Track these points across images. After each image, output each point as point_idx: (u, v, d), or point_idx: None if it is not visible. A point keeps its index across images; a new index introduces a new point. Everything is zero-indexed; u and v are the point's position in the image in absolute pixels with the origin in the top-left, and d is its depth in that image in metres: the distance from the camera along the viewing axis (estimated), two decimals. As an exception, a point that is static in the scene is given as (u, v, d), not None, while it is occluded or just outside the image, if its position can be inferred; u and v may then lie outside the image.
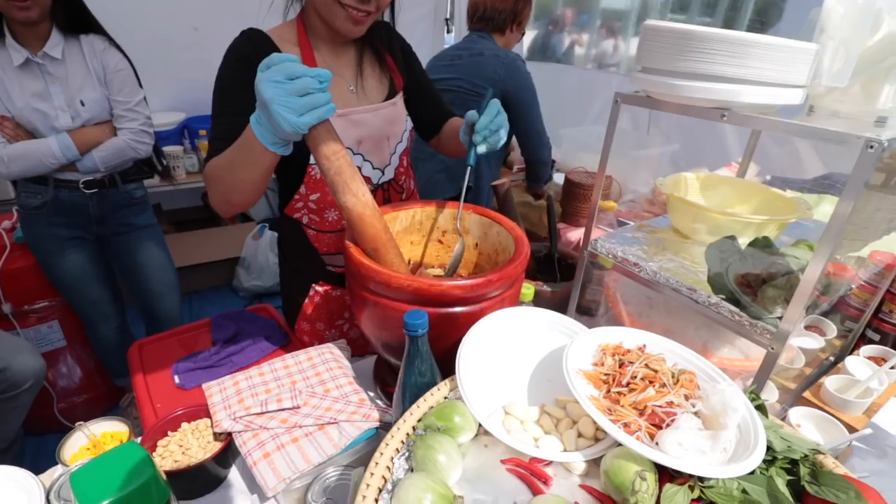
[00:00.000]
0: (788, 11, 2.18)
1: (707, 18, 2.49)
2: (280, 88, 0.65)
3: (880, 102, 0.68)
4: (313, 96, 0.67)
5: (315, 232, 1.04)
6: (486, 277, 0.73)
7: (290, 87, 0.65)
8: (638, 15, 2.71)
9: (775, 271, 0.73)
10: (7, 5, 1.29)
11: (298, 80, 0.66)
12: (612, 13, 2.91)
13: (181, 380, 1.20)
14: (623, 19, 2.82)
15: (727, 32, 0.63)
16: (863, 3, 0.64)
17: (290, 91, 0.65)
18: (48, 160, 1.43)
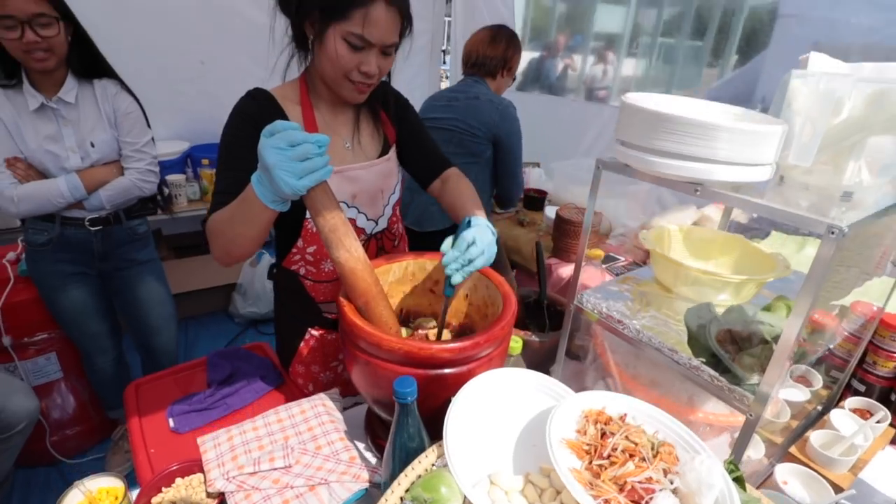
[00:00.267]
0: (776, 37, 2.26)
1: (697, 42, 2.56)
2: (282, 154, 0.70)
3: (846, 178, 0.72)
4: (312, 161, 0.71)
5: (311, 282, 1.08)
6: (473, 340, 0.76)
7: (292, 154, 0.70)
8: (630, 37, 2.80)
9: (750, 338, 0.76)
10: (26, 58, 1.34)
11: (299, 146, 0.70)
12: (604, 35, 3.00)
13: (175, 423, 1.21)
14: (615, 41, 2.90)
15: (697, 117, 0.67)
16: (824, 89, 0.68)
17: (292, 157, 0.70)
18: (56, 200, 1.47)
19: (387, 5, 0.85)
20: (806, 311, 0.63)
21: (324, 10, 0.85)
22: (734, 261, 1.03)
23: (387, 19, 0.85)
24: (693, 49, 2.59)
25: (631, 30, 2.77)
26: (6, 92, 1.43)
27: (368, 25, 0.84)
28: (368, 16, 0.84)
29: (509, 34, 1.90)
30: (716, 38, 2.44)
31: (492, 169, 1.91)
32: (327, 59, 0.89)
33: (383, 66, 0.92)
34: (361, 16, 0.83)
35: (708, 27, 2.47)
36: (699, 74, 2.62)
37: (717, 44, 2.44)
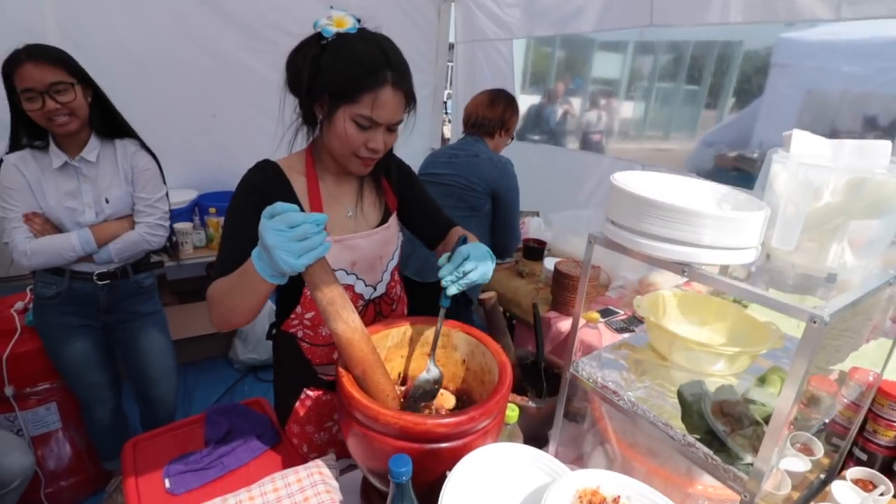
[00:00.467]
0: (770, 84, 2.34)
1: (694, 87, 2.65)
2: (282, 235, 0.73)
3: (829, 260, 0.74)
4: (310, 240, 0.75)
5: (309, 345, 1.10)
6: (468, 415, 0.77)
7: (291, 234, 0.73)
8: (628, 82, 2.90)
9: (741, 419, 0.76)
10: (49, 124, 1.43)
11: (298, 227, 0.74)
12: (602, 80, 3.12)
13: (171, 484, 1.20)
14: (614, 85, 3.00)
15: (682, 204, 0.70)
16: (802, 178, 0.72)
17: (291, 237, 0.73)
18: (68, 254, 1.52)
19: (393, 89, 0.91)
20: (794, 394, 0.64)
21: (334, 95, 0.91)
22: (729, 328, 1.05)
23: (394, 101, 0.91)
24: (690, 93, 2.68)
25: (629, 75, 2.87)
26: (34, 152, 1.51)
27: (377, 108, 0.90)
28: (377, 99, 0.89)
29: (507, 97, 2.01)
30: (712, 83, 2.52)
31: (490, 222, 1.98)
32: (336, 137, 0.94)
33: (388, 141, 0.97)
34: (370, 99, 0.89)
35: (703, 73, 2.56)
36: (697, 117, 2.70)
37: (713, 88, 2.52)
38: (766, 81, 2.37)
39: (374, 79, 0.89)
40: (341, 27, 0.92)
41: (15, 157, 1.49)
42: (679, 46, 2.62)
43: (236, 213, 0.99)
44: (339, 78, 0.89)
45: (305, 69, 0.92)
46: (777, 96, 2.37)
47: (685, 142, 2.81)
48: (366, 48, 0.89)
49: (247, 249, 0.85)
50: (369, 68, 0.89)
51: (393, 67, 0.90)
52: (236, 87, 2.71)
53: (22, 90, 1.38)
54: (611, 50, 3.04)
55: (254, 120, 2.67)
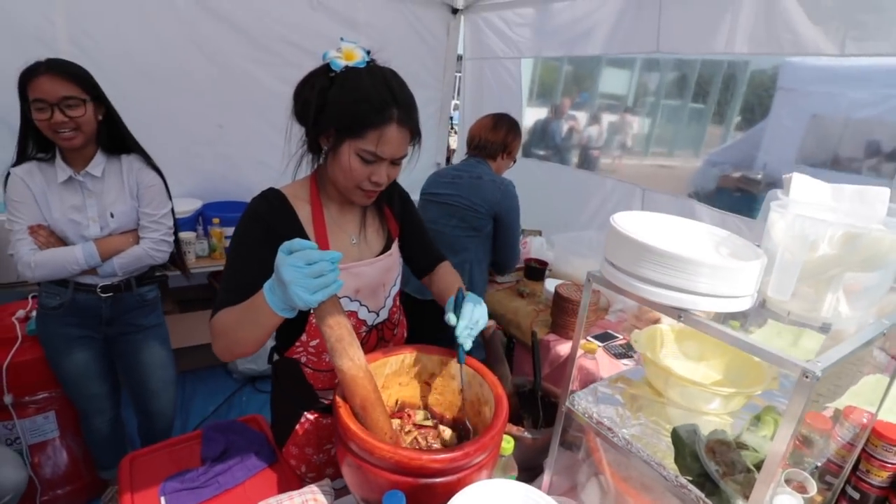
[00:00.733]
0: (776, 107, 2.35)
1: (700, 105, 2.66)
2: (299, 272, 0.75)
3: (824, 310, 0.75)
4: (326, 277, 0.76)
5: (311, 371, 1.11)
6: (463, 451, 0.78)
7: (308, 271, 0.75)
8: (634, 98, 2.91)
9: (734, 464, 0.77)
10: (54, 136, 1.45)
11: (315, 265, 0.75)
12: (609, 95, 3.13)
13: (167, 502, 1.21)
14: (620, 101, 3.02)
15: (679, 252, 0.71)
16: (798, 230, 0.73)
17: (307, 274, 0.75)
18: (72, 266, 1.53)
19: (398, 126, 0.92)
20: (785, 444, 0.65)
21: (340, 129, 0.92)
22: (726, 364, 1.05)
23: (398, 138, 0.93)
24: (696, 111, 2.69)
25: (635, 91, 2.89)
26: (39, 165, 1.53)
27: (382, 144, 0.91)
28: (382, 136, 0.91)
29: (510, 121, 2.05)
30: (718, 102, 2.53)
31: (491, 242, 2.01)
32: (340, 169, 0.96)
33: (392, 174, 0.99)
34: (376, 136, 0.91)
35: (710, 91, 2.57)
36: (702, 135, 2.71)
37: (719, 107, 2.53)
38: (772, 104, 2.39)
39: (380, 116, 0.90)
40: (350, 60, 0.93)
41: (21, 170, 1.51)
42: (686, 65, 2.64)
43: (242, 242, 1.00)
44: (346, 113, 0.91)
45: (313, 101, 0.93)
46: (781, 120, 2.38)
47: (689, 159, 2.82)
48: (373, 84, 0.91)
49: (253, 279, 0.86)
50: (375, 106, 0.90)
51: (399, 104, 0.92)
52: (242, 99, 2.74)
53: (33, 100, 1.40)
54: (618, 66, 3.06)
55: (259, 131, 2.70)
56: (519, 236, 2.08)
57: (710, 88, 2.58)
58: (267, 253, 0.97)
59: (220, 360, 2.93)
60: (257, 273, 0.86)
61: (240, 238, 1.00)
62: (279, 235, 0.98)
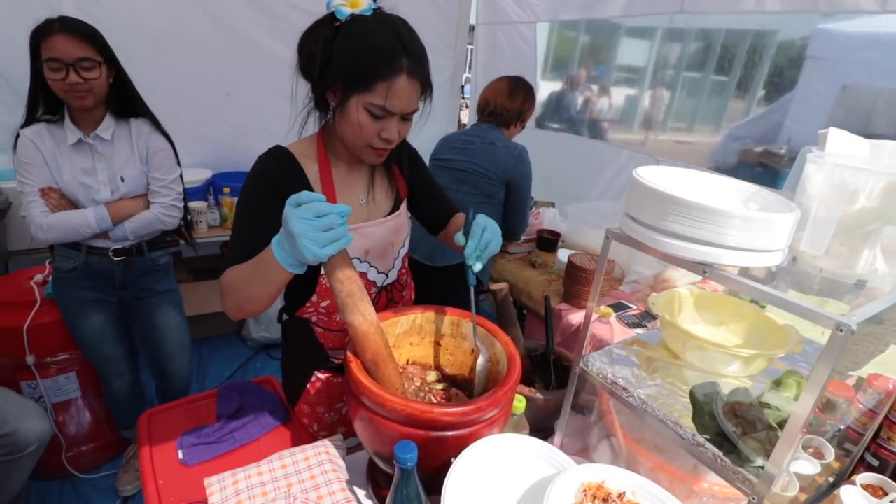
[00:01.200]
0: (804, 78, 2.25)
1: (722, 77, 2.55)
2: (308, 224, 0.73)
3: (860, 266, 0.72)
4: (335, 231, 0.74)
5: (322, 330, 1.10)
6: (475, 405, 0.77)
7: (317, 224, 0.73)
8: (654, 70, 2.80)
9: (755, 423, 0.75)
10: (67, 96, 1.43)
11: (325, 217, 0.73)
12: (627, 68, 3.02)
13: (184, 455, 1.24)
14: (638, 73, 2.91)
15: (707, 203, 0.68)
16: (838, 180, 0.69)
17: (317, 227, 0.73)
18: (83, 229, 1.54)
19: (408, 77, 0.87)
20: (813, 402, 0.63)
21: (347, 82, 0.88)
22: (746, 329, 1.02)
23: (408, 90, 0.88)
24: (718, 84, 2.59)
25: (654, 63, 2.78)
26: (49, 126, 1.52)
27: (391, 97, 0.87)
28: (391, 88, 0.86)
29: (527, 88, 1.98)
30: (742, 75, 2.42)
31: (502, 209, 1.98)
32: (349, 125, 0.92)
33: (403, 130, 0.95)
34: (384, 88, 0.86)
35: (734, 63, 2.46)
36: (724, 110, 2.61)
37: (742, 80, 2.42)
38: (800, 75, 2.28)
39: (389, 67, 0.86)
40: (356, 8, 0.88)
41: (31, 131, 1.50)
42: (710, 34, 2.51)
43: (249, 200, 0.98)
44: (352, 65, 0.86)
45: (318, 53, 0.89)
46: (810, 91, 2.28)
47: (709, 135, 2.72)
48: (381, 32, 0.86)
49: (260, 238, 0.84)
50: (384, 55, 0.85)
51: (409, 54, 0.87)
52: (250, 65, 2.69)
53: (47, 59, 1.38)
54: (638, 36, 2.93)
55: (267, 99, 2.66)
56: (529, 202, 2.04)
57: (733, 60, 2.47)
58: (274, 211, 0.95)
59: (233, 326, 2.96)
60: (265, 231, 0.84)
61: (247, 196, 0.98)
62: (286, 194, 0.96)
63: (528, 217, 2.08)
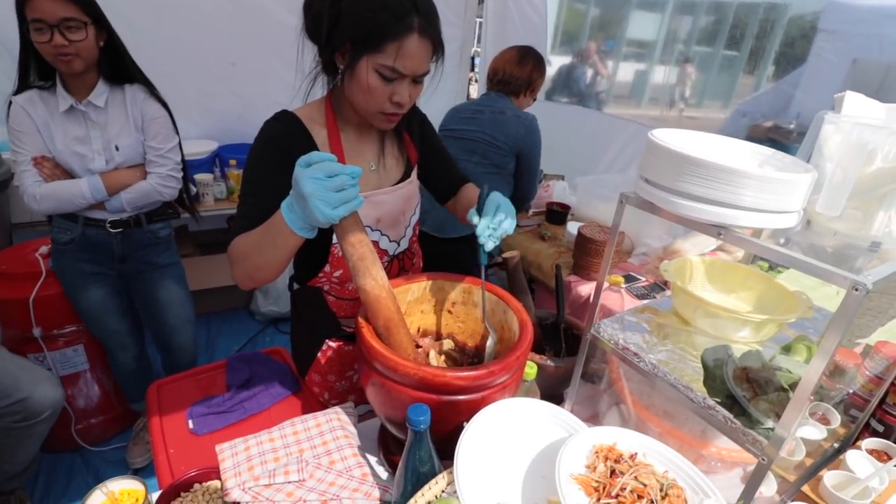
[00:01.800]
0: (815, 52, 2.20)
1: (733, 52, 2.51)
2: (319, 184, 0.72)
3: (874, 228, 0.71)
4: (347, 192, 0.73)
5: (335, 299, 1.10)
6: (488, 369, 0.77)
7: (329, 184, 0.72)
8: (664, 44, 2.75)
9: (767, 384, 0.75)
10: (54, 59, 1.39)
11: (336, 177, 0.72)
12: (637, 42, 2.96)
13: (195, 425, 1.26)
14: (648, 48, 2.86)
15: (724, 162, 0.67)
16: (856, 139, 0.67)
17: (328, 187, 0.72)
18: (78, 200, 1.52)
19: (419, 37, 0.85)
20: (825, 362, 0.63)
21: (356, 43, 0.85)
22: (756, 296, 1.02)
23: (419, 50, 0.86)
24: (728, 59, 2.54)
25: (665, 37, 2.73)
26: (41, 93, 1.48)
27: (402, 58, 0.85)
28: (402, 48, 0.84)
29: (537, 57, 1.94)
30: (752, 49, 2.38)
31: (512, 179, 1.96)
32: (359, 89, 0.89)
33: (414, 94, 0.93)
34: (395, 48, 0.84)
35: (745, 37, 2.41)
36: (734, 84, 2.57)
37: (753, 54, 2.38)
38: (811, 48, 2.23)
39: (400, 25, 0.83)
40: None
41: (22, 98, 1.46)
42: (722, 7, 2.46)
43: (256, 167, 0.96)
44: (362, 24, 0.84)
45: (325, 13, 0.86)
46: (820, 64, 2.23)
47: (719, 111, 2.69)
48: None
49: (269, 204, 0.83)
50: (394, 13, 0.82)
51: (419, 11, 0.84)
52: (255, 34, 2.62)
53: (32, 20, 1.33)
54: (648, 9, 2.86)
55: (274, 70, 2.59)
56: (538, 172, 2.03)
57: (745, 34, 2.41)
58: (283, 178, 0.93)
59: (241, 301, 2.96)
60: (273, 199, 0.82)
61: (254, 163, 0.96)
62: (295, 160, 0.94)
63: (535, 186, 2.07)
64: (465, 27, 3.35)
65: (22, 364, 1.47)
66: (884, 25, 2.03)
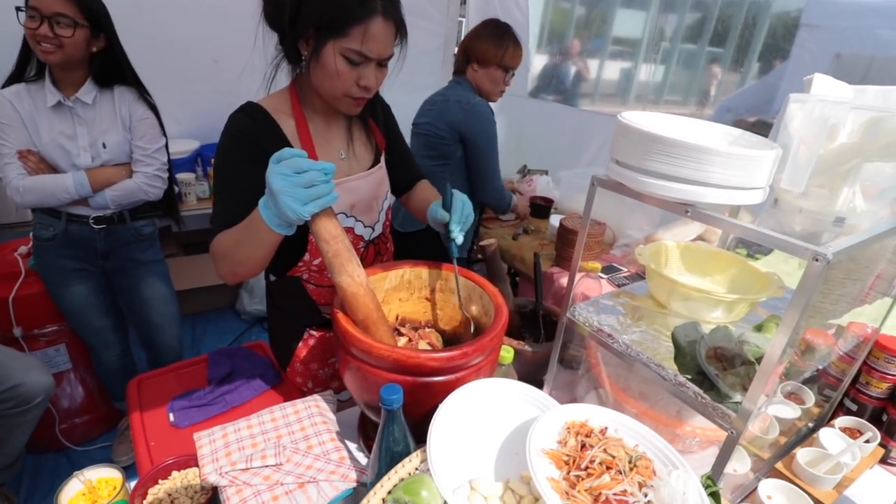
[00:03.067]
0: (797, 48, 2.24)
1: (718, 49, 2.54)
2: (288, 181, 0.72)
3: (839, 203, 0.72)
4: (317, 188, 0.73)
5: (314, 286, 1.10)
6: (461, 350, 0.78)
7: (297, 180, 0.72)
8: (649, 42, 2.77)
9: (734, 358, 0.77)
10: (35, 46, 1.39)
11: (305, 173, 0.72)
12: (623, 40, 2.98)
13: (175, 418, 1.25)
14: (634, 46, 2.88)
15: (690, 140, 0.68)
16: (818, 115, 0.68)
17: (297, 183, 0.72)
18: (61, 195, 1.51)
19: (384, 19, 0.85)
20: (788, 334, 0.64)
21: (320, 28, 0.85)
22: (730, 279, 1.04)
23: (384, 33, 0.86)
24: (713, 56, 2.57)
25: (650, 35, 2.75)
26: (28, 87, 1.48)
27: (367, 41, 0.85)
28: (368, 31, 0.84)
29: (499, 23, 1.85)
30: (737, 45, 2.41)
31: (466, 171, 1.87)
32: (326, 75, 0.89)
33: (380, 77, 0.93)
34: (361, 32, 0.84)
35: (729, 34, 2.44)
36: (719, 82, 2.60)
37: (738, 50, 2.41)
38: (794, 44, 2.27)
39: (364, 9, 0.83)
40: None
41: (9, 92, 1.46)
42: (706, 5, 2.49)
43: (227, 161, 0.95)
44: (326, 9, 0.84)
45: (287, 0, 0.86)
46: (804, 59, 2.27)
47: (704, 108, 2.72)
48: None
49: (244, 200, 0.83)
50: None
51: None
52: (237, 30, 2.59)
53: (29, 7, 1.36)
54: (633, 7, 2.89)
55: (255, 66, 2.58)
56: (494, 166, 1.85)
57: (729, 31, 2.45)
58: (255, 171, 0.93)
59: (226, 300, 2.93)
60: (248, 193, 0.82)
61: (224, 158, 0.95)
62: (265, 152, 0.93)
63: (497, 185, 1.89)
64: (447, 24, 3.34)
65: (10, 353, 1.47)
66: (866, 19, 2.06)
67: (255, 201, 0.78)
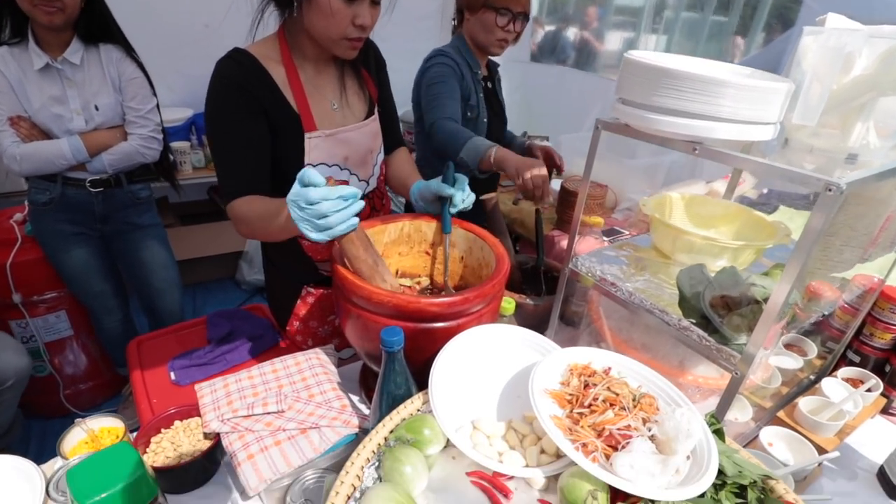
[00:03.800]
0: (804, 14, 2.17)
1: (722, 17, 2.46)
2: (302, 212, 0.72)
3: (851, 140, 0.70)
4: (328, 219, 0.72)
5: (310, 242, 1.08)
6: (463, 296, 0.77)
7: (310, 212, 0.71)
8: (654, 10, 2.69)
9: (740, 300, 0.75)
10: (33, 10, 1.33)
11: (316, 205, 0.71)
12: (626, 9, 2.89)
13: (176, 376, 1.25)
14: (638, 15, 2.80)
15: (700, 72, 0.65)
16: (834, 44, 0.65)
17: (310, 215, 0.71)
18: (59, 161, 1.48)
19: None
20: (797, 270, 0.63)
21: None
22: (735, 229, 1.02)
23: None
24: (717, 24, 2.49)
25: (654, 2, 2.67)
26: (11, 50, 1.43)
27: None
28: None
29: None
30: (742, 13, 2.33)
31: None
32: (320, 16, 0.86)
33: (374, 15, 0.90)
34: None
35: (734, 2, 2.36)
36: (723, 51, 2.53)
37: (743, 18, 2.34)
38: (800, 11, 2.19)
39: None
40: None
41: None
42: None
43: (222, 115, 0.90)
44: None
45: None
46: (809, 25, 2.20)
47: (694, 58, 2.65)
48: None
49: (246, 158, 0.82)
50: None
51: None
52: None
53: None
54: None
55: (246, 30, 2.51)
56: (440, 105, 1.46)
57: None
58: (251, 122, 0.90)
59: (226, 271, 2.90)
60: (250, 147, 0.79)
61: (218, 112, 0.90)
62: (258, 101, 0.90)
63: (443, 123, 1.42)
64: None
65: None
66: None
67: (256, 158, 0.76)
